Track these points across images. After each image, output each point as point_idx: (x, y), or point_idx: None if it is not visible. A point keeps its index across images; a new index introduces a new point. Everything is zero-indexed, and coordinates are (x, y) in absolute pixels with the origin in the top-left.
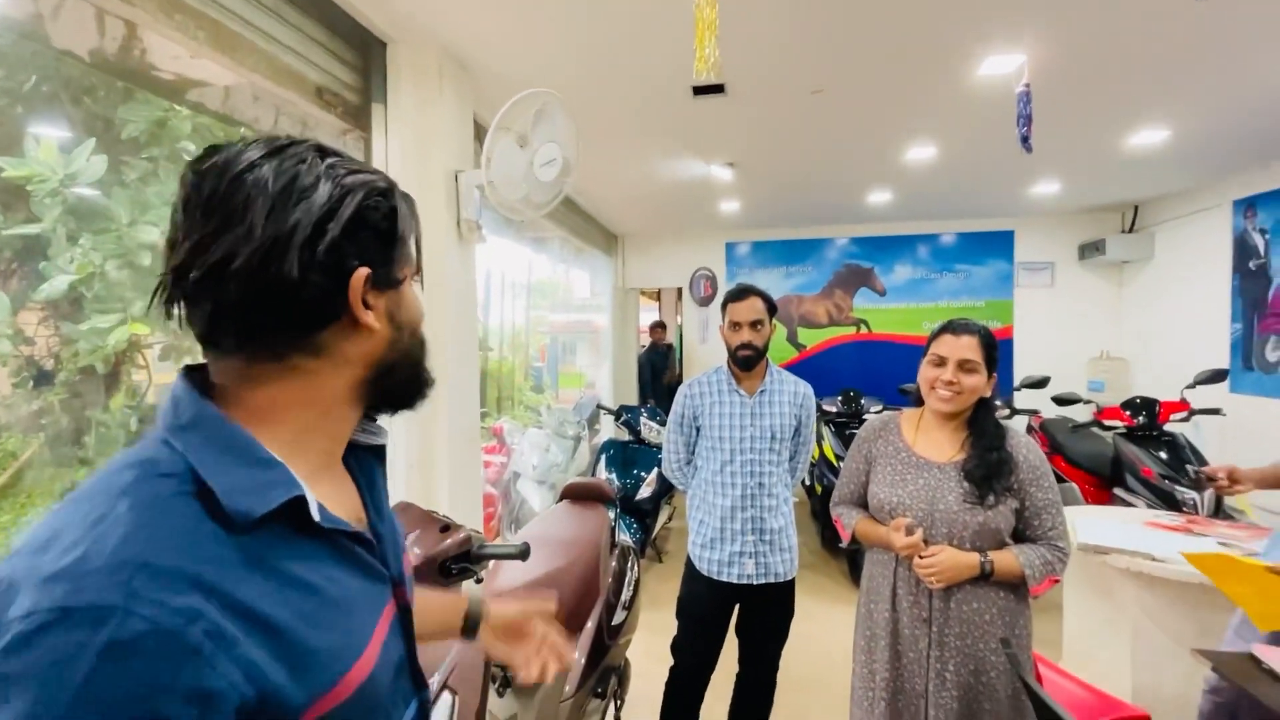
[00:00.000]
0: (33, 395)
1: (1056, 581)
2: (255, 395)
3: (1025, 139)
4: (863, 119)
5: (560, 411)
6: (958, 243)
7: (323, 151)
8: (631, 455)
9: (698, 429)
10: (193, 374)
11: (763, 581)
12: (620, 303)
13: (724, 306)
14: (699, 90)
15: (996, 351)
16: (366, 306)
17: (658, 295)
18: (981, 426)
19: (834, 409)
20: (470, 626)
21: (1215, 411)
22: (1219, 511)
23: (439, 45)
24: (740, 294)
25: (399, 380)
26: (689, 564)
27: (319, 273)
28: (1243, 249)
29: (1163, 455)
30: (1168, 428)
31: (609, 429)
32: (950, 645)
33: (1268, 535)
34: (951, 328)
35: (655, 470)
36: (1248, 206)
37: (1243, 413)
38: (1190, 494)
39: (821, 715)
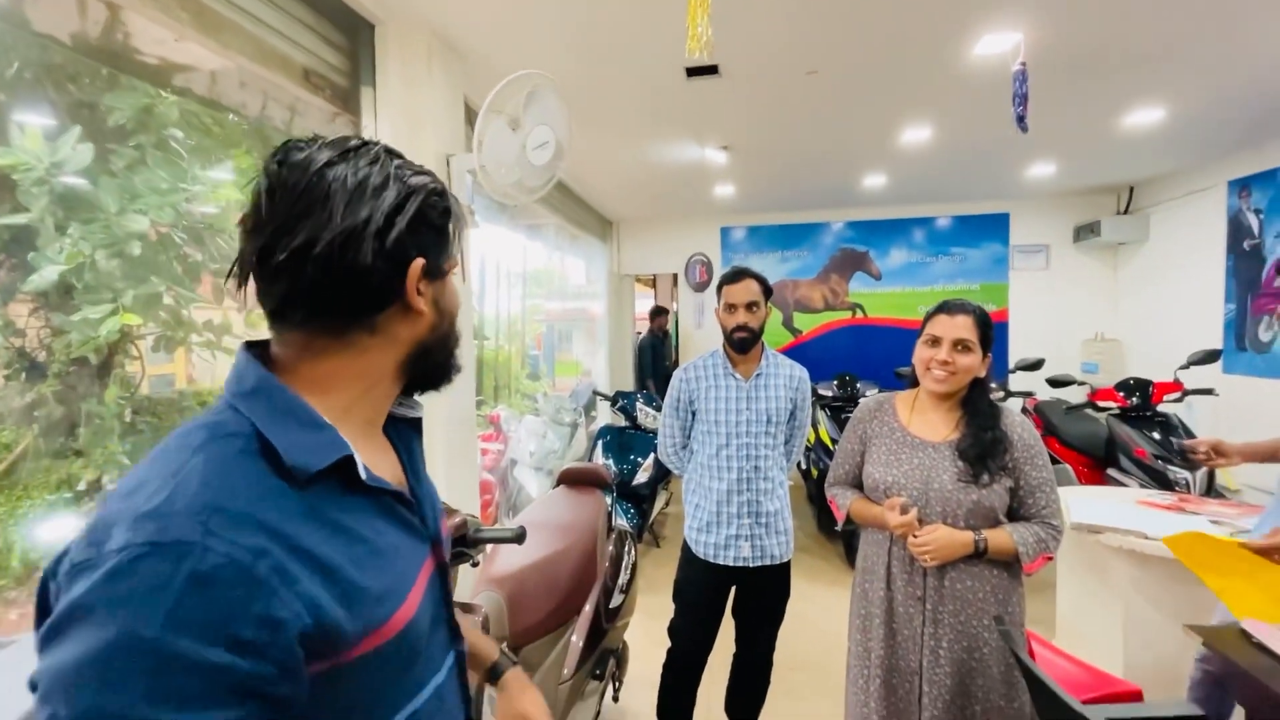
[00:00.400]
0: (25, 387)
1: (1050, 559)
2: (314, 367)
3: (1021, 119)
4: (858, 100)
5: (557, 399)
6: (953, 226)
7: (390, 154)
8: (628, 441)
9: (693, 413)
10: (253, 348)
11: (759, 564)
12: (616, 289)
13: (719, 289)
14: (692, 72)
15: (991, 331)
16: (419, 293)
17: (653, 282)
18: (976, 406)
19: (830, 393)
20: (495, 674)
21: (1208, 392)
22: (1211, 490)
23: (428, 26)
24: (736, 276)
25: (435, 362)
26: (685, 548)
27: (385, 260)
28: (1237, 229)
29: (1156, 436)
30: (1161, 408)
31: (605, 415)
32: (944, 623)
33: (1259, 513)
34: (946, 308)
35: (652, 455)
36: (1242, 187)
37: (1236, 393)
38: (1183, 473)
39: (817, 695)
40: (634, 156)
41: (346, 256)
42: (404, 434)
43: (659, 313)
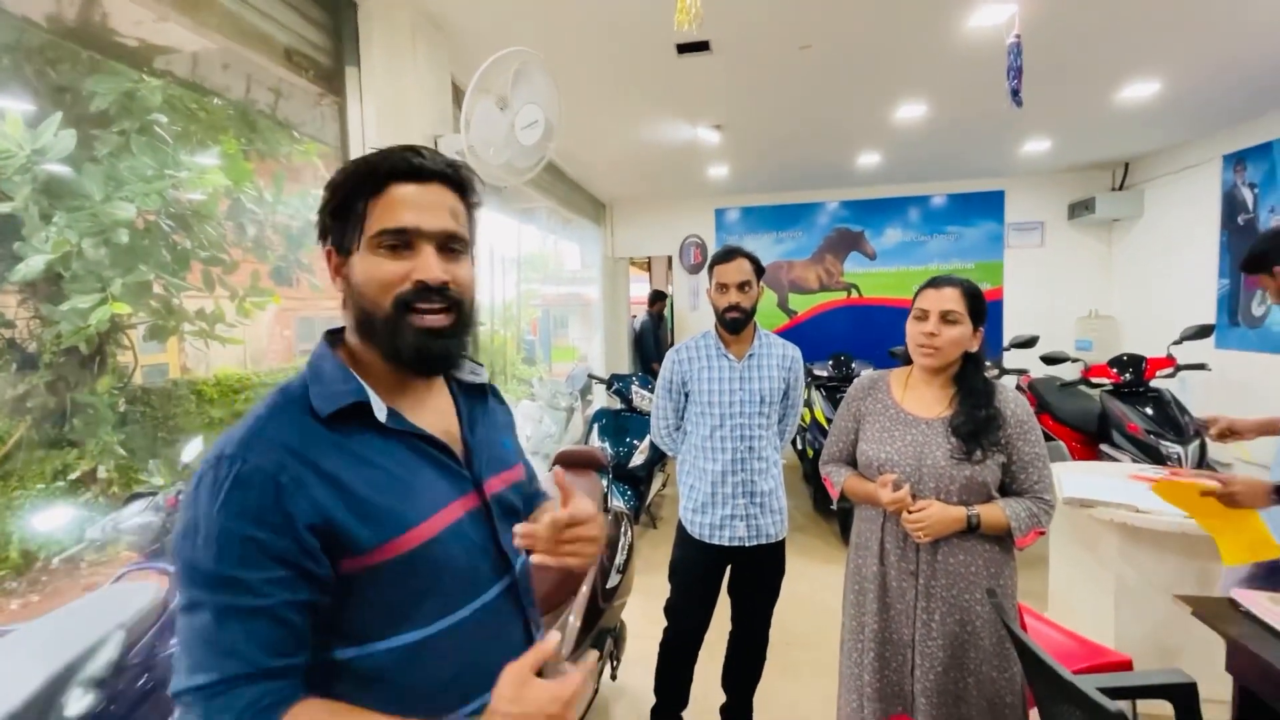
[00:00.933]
0: (17, 378)
1: (1042, 534)
2: (350, 341)
3: (1015, 92)
4: (852, 75)
5: (553, 383)
6: (948, 204)
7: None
8: (624, 423)
9: (686, 395)
10: (332, 334)
11: (754, 544)
12: (610, 272)
13: (710, 268)
14: (683, 48)
15: (982, 305)
16: (337, 273)
17: (648, 265)
18: (970, 383)
19: (825, 373)
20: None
21: (1201, 367)
22: (1203, 464)
23: (411, 2)
24: (727, 255)
25: (379, 342)
26: (680, 528)
27: (327, 246)
28: (1231, 204)
29: (1149, 411)
30: (1154, 384)
31: (601, 399)
32: (937, 596)
33: None
34: (934, 282)
35: (648, 438)
36: (1237, 161)
37: (1228, 367)
38: (1175, 448)
39: (813, 671)
40: (625, 137)
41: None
42: (470, 397)
43: (659, 297)
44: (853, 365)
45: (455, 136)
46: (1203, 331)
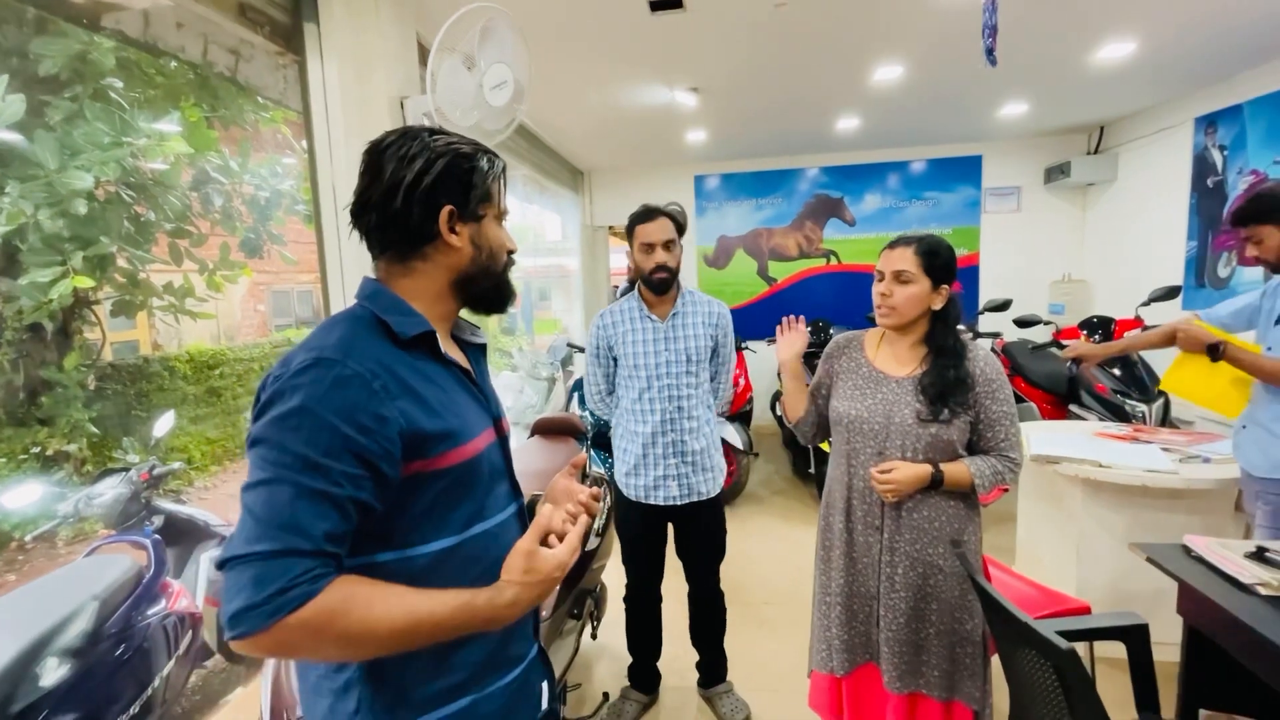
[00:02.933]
0: None
1: (1005, 490)
2: (397, 286)
3: (990, 50)
4: (828, 35)
5: (533, 354)
6: (927, 170)
7: (433, 132)
8: None
9: (615, 359)
10: (366, 276)
11: (687, 502)
12: (589, 241)
13: (630, 229)
14: (656, 5)
15: (941, 261)
16: (453, 231)
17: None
18: (940, 342)
19: None
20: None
21: None
22: (1165, 421)
23: None
24: (649, 214)
25: (482, 287)
26: (617, 490)
27: (418, 206)
28: (1201, 167)
29: (1116, 372)
30: None
31: (582, 368)
32: (900, 551)
33: (1209, 440)
34: (891, 243)
35: None
36: (1208, 124)
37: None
38: (1140, 406)
39: (789, 626)
40: (601, 100)
41: (388, 204)
42: (472, 354)
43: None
44: (831, 331)
45: (422, 98)
46: (1170, 293)
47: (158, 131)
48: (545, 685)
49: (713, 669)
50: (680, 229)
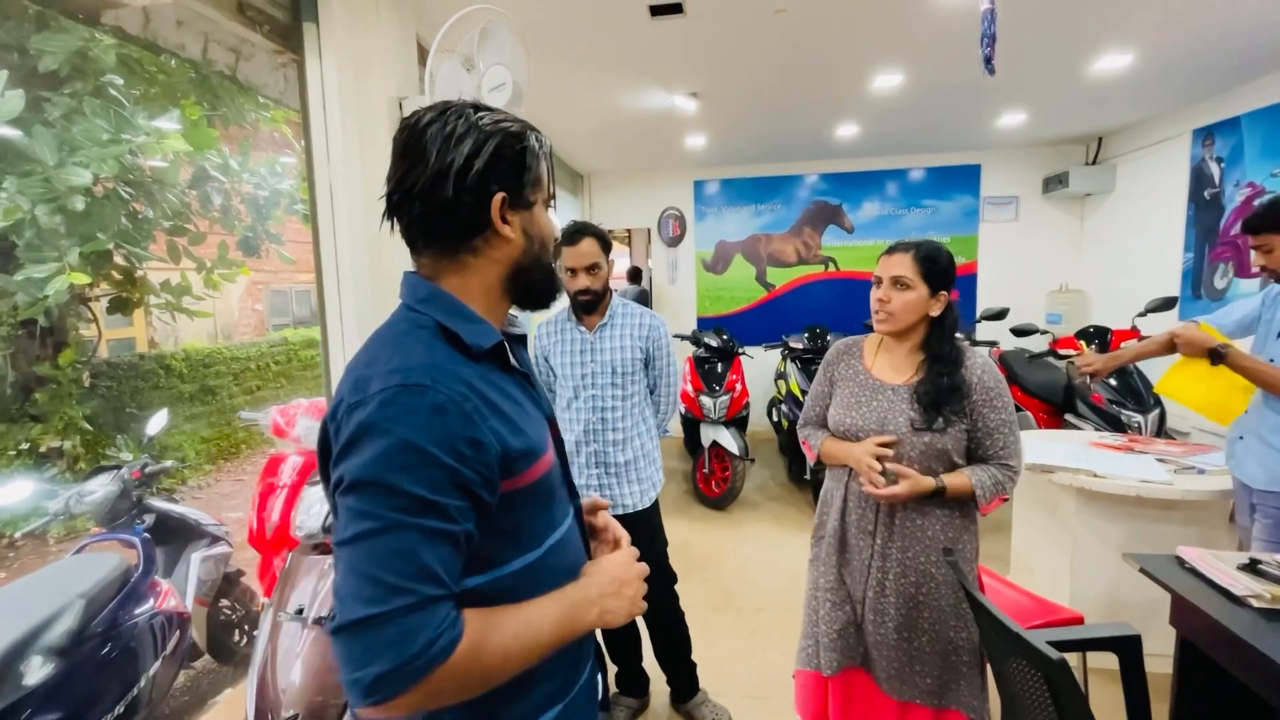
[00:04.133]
0: None
1: (1005, 500)
2: (449, 284)
3: (989, 60)
4: (828, 41)
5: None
6: (925, 178)
7: (479, 109)
8: None
9: (554, 370)
10: (411, 273)
11: (613, 514)
12: None
13: (557, 249)
14: (656, 10)
15: (940, 268)
16: (505, 221)
17: (628, 239)
18: (936, 349)
19: (800, 345)
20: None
21: None
22: (1161, 431)
23: None
24: (573, 237)
25: (534, 279)
26: None
27: (469, 194)
28: (1199, 179)
29: (1112, 382)
30: None
31: None
32: (892, 557)
33: (1204, 452)
34: (890, 248)
35: None
36: (1206, 135)
37: None
38: (1136, 416)
39: (783, 633)
40: (601, 104)
41: (436, 192)
42: (513, 346)
43: (636, 274)
44: (828, 338)
45: (421, 99)
46: (1167, 304)
47: (157, 129)
48: (600, 676)
49: (684, 684)
50: (606, 247)
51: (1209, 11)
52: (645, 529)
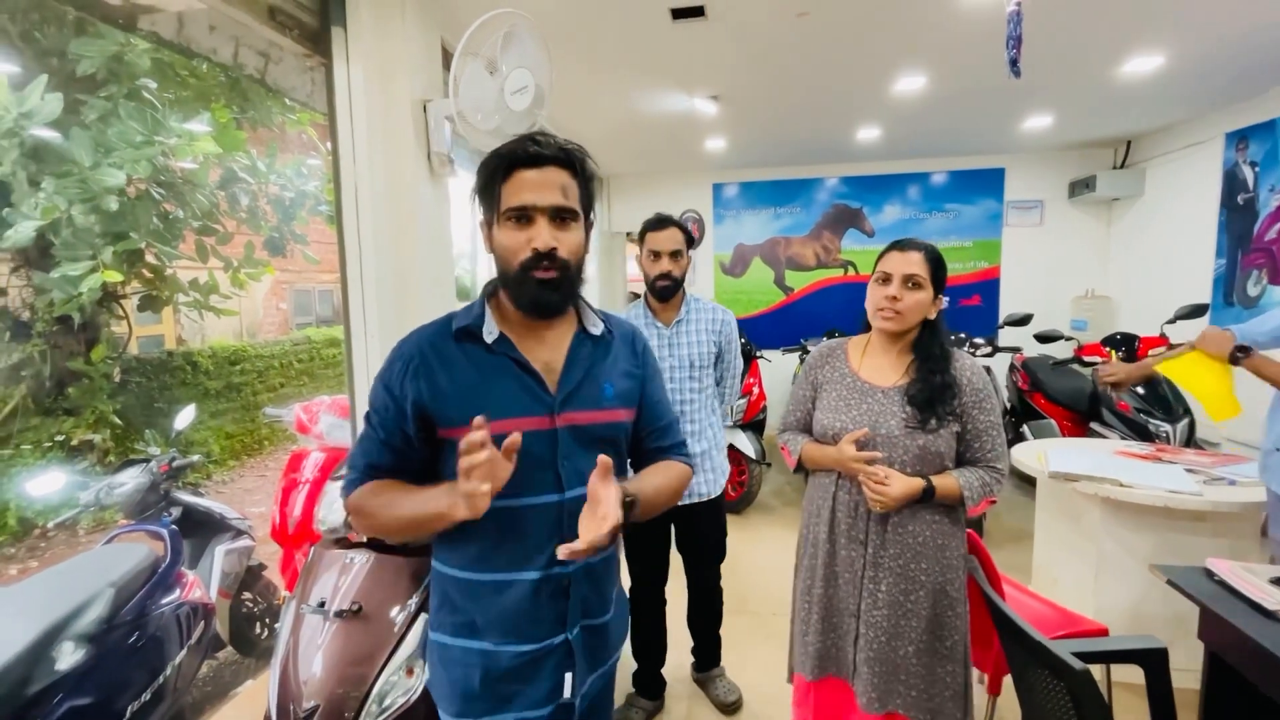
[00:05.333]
0: (11, 347)
1: (993, 502)
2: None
3: (1014, 62)
4: (850, 44)
5: None
6: (948, 182)
7: (529, 137)
8: None
9: None
10: (491, 283)
11: (687, 502)
12: (607, 247)
13: (642, 235)
14: (678, 13)
15: (944, 273)
16: (490, 237)
17: None
18: (927, 350)
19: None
20: (628, 505)
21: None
22: (1191, 442)
23: None
24: (660, 223)
25: (507, 287)
26: None
27: (481, 215)
28: (1231, 183)
29: (1139, 390)
30: None
31: None
32: (885, 566)
33: (1234, 462)
34: (899, 245)
35: None
36: (1240, 139)
37: None
38: (1164, 426)
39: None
40: (621, 106)
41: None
42: (592, 343)
43: None
44: None
45: (445, 101)
46: (1197, 311)
47: (188, 131)
48: (569, 676)
49: (706, 654)
50: (690, 241)
51: (1242, 12)
52: (715, 513)
